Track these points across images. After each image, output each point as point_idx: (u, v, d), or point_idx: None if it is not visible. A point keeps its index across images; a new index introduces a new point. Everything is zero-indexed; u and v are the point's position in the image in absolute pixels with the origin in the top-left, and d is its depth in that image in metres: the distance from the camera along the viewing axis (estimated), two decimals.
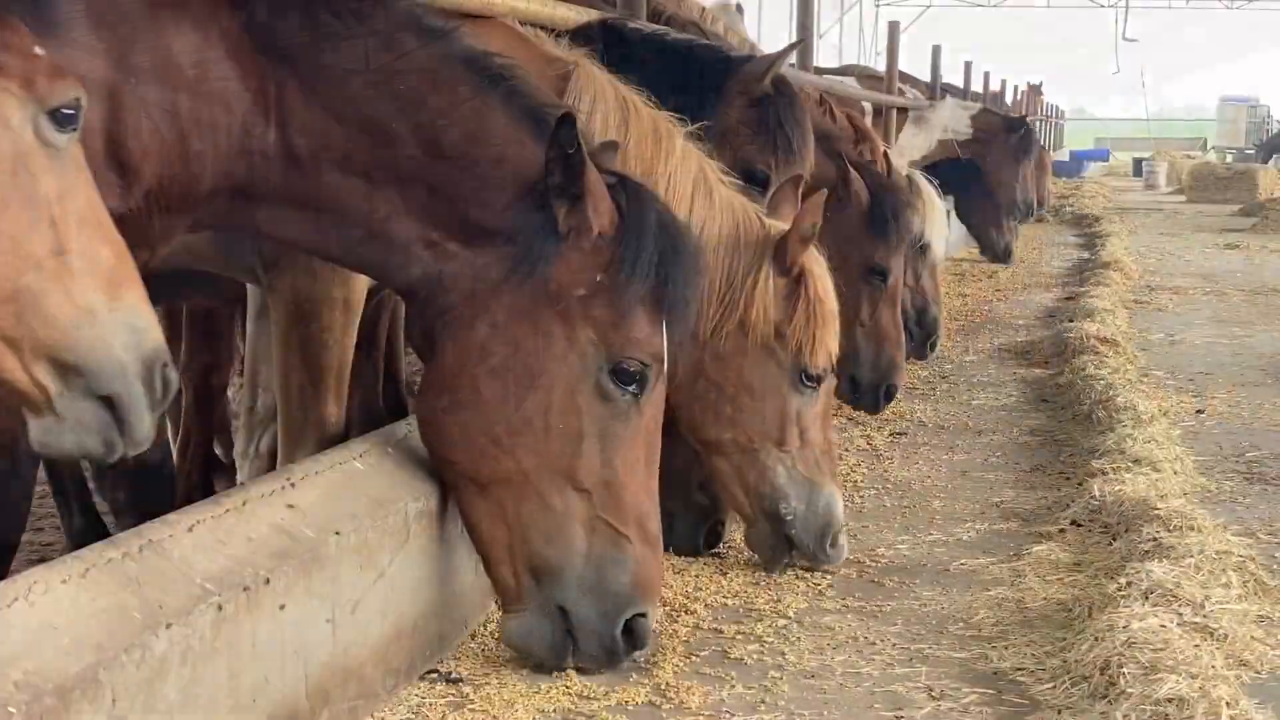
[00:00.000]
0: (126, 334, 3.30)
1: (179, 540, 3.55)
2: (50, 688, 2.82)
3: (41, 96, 3.18)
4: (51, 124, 3.20)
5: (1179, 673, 4.22)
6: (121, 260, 3.36)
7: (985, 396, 9.95)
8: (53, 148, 3.22)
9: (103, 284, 3.28)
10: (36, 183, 3.18)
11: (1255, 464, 7.93)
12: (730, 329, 5.48)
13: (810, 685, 4.61)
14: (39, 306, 3.20)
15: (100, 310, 3.26)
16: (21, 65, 3.18)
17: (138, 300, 3.35)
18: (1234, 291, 16.44)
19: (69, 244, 3.22)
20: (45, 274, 3.19)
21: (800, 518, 5.60)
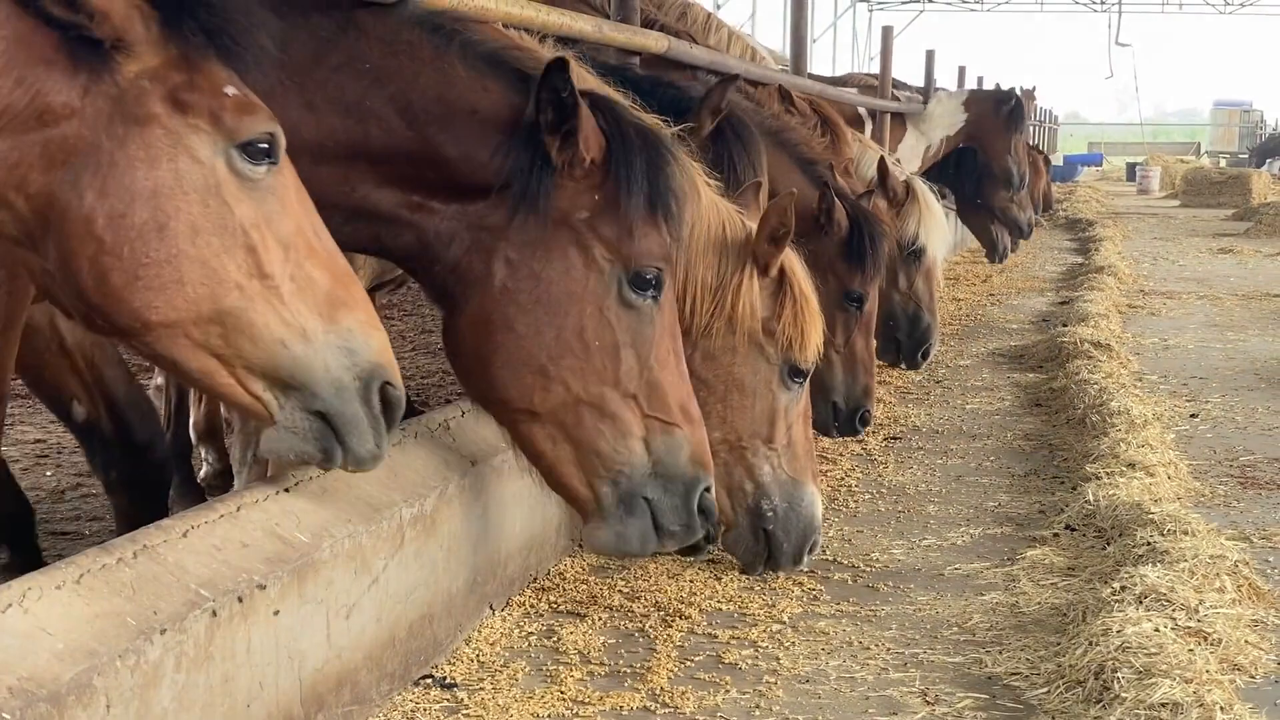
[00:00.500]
0: (340, 354, 3.60)
1: (173, 546, 3.55)
2: (44, 694, 2.82)
3: (230, 131, 3.43)
4: (243, 157, 3.45)
5: (1173, 677, 4.22)
6: (339, 282, 3.64)
7: (979, 401, 9.96)
8: (248, 179, 3.47)
9: (317, 305, 3.57)
10: (230, 212, 3.43)
11: (1249, 468, 7.94)
12: (719, 327, 5.51)
13: (805, 690, 4.61)
14: (244, 327, 3.48)
15: (313, 330, 3.56)
16: (209, 103, 3.41)
17: (356, 322, 3.64)
18: (1227, 296, 16.46)
19: (272, 268, 3.50)
20: (247, 296, 3.46)
21: (782, 516, 5.62)
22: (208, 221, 3.41)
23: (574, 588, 5.50)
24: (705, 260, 5.45)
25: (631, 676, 4.65)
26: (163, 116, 3.37)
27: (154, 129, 3.35)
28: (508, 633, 4.99)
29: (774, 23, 40.95)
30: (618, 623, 5.16)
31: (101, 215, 3.32)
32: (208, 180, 3.41)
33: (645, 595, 5.44)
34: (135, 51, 3.35)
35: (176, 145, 3.38)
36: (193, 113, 3.40)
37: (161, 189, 3.36)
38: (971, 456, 8.20)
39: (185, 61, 3.40)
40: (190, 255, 3.39)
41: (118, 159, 3.32)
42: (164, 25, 3.37)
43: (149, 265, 3.37)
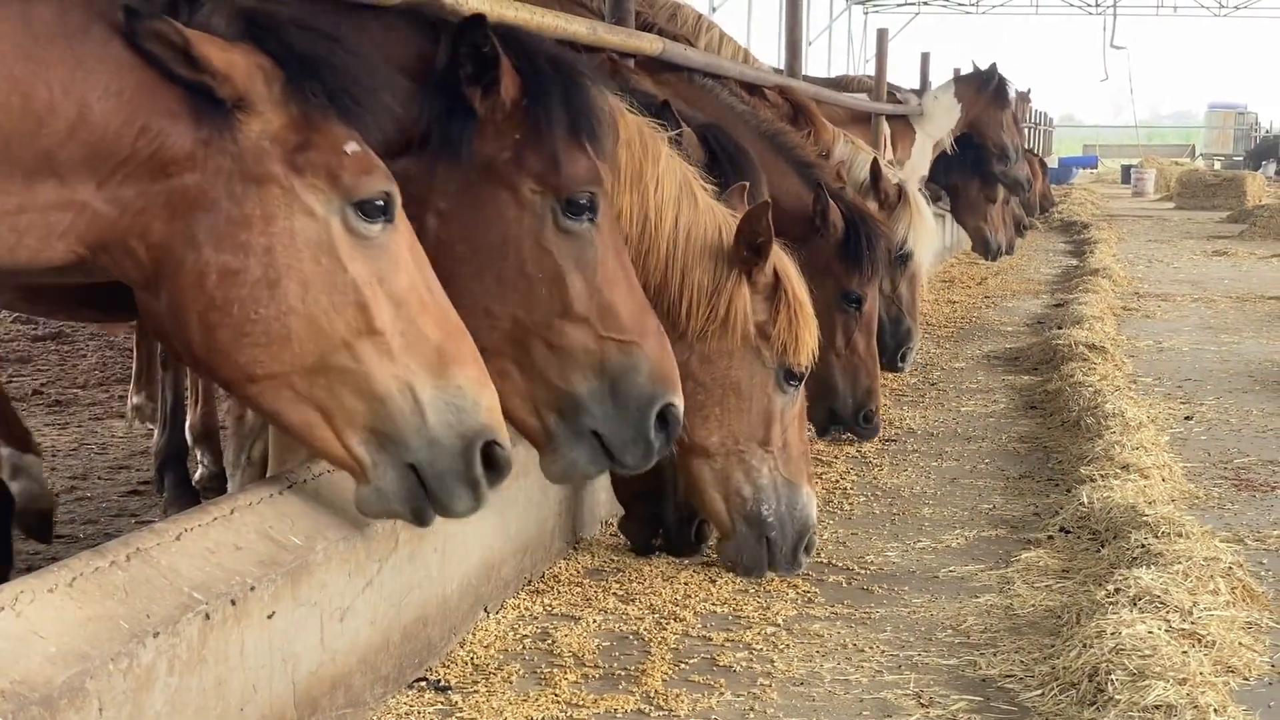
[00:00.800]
0: (447, 410, 3.63)
1: (166, 549, 3.55)
2: (36, 697, 2.82)
3: (347, 190, 3.50)
4: (359, 215, 3.52)
5: (1167, 679, 4.22)
6: (451, 338, 3.69)
7: (974, 403, 9.96)
8: (362, 236, 3.53)
9: (427, 361, 3.62)
10: (343, 269, 3.50)
11: (1243, 470, 7.94)
12: (714, 330, 5.52)
13: (799, 693, 4.61)
14: (349, 381, 3.54)
15: (420, 385, 3.60)
16: (328, 161, 3.48)
17: (467, 379, 3.68)
18: (1222, 298, 16.48)
19: (382, 324, 3.56)
20: (355, 351, 3.52)
21: (780, 520, 5.64)
22: (319, 278, 3.47)
23: (568, 590, 5.50)
24: (701, 265, 5.47)
25: (626, 679, 4.65)
26: (281, 176, 3.43)
27: (272, 188, 3.42)
28: (502, 635, 4.98)
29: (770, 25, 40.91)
30: (612, 625, 5.16)
31: (215, 270, 3.38)
32: (321, 237, 3.47)
33: (640, 598, 5.44)
34: (257, 111, 3.41)
35: (293, 203, 3.44)
36: (310, 172, 3.46)
37: (275, 246, 3.42)
38: (966, 459, 8.20)
39: (306, 121, 3.47)
40: (299, 311, 3.45)
41: (234, 215, 3.38)
42: (287, 86, 3.44)
43: (257, 321, 3.43)
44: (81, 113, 3.21)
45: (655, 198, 5.35)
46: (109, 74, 3.25)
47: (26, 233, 3.27)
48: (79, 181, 3.27)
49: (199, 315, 3.42)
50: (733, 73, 8.57)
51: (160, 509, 6.79)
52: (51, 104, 3.17)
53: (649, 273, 5.43)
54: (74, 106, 3.21)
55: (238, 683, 3.51)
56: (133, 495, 7.27)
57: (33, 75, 3.15)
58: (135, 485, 7.48)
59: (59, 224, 3.30)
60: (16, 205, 3.23)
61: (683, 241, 5.45)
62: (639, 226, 5.36)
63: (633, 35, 6.89)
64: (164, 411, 7.07)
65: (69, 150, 3.22)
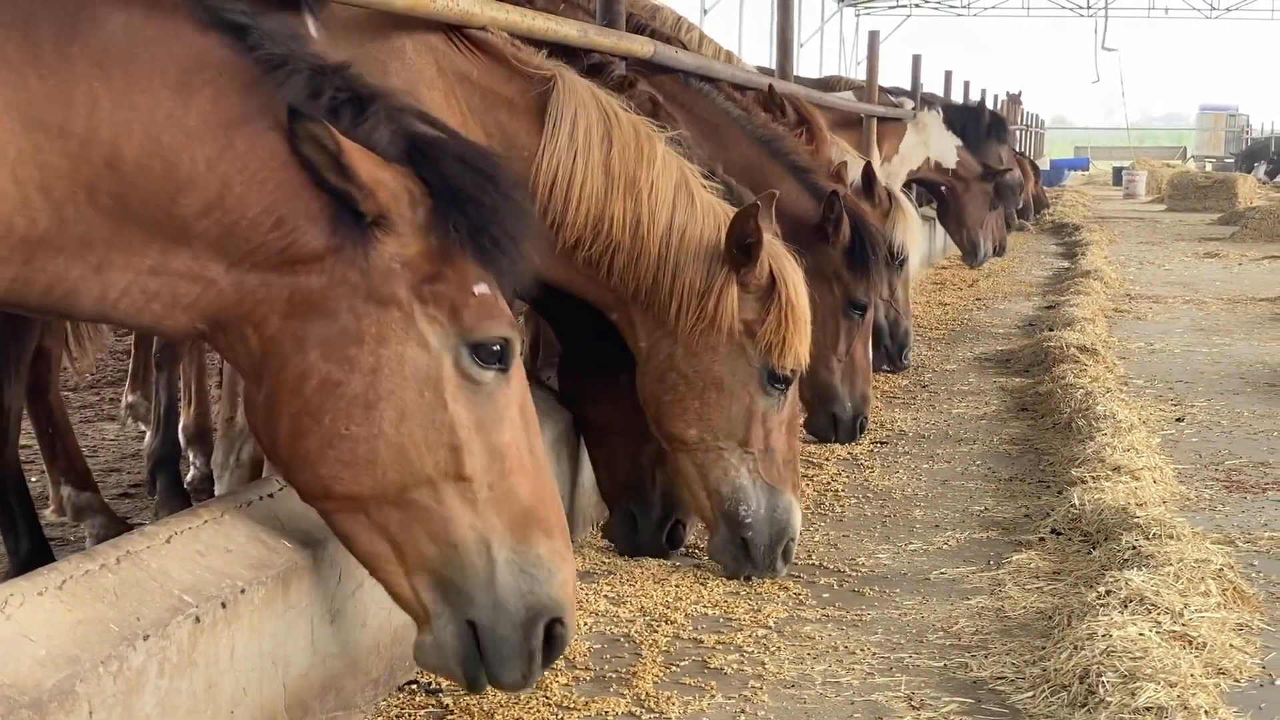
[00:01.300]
0: (518, 577, 3.55)
1: (156, 552, 3.54)
2: (26, 700, 2.81)
3: (466, 329, 3.47)
4: (472, 357, 3.49)
5: (1158, 681, 4.23)
6: (542, 504, 3.62)
7: (965, 405, 9.97)
8: (472, 379, 3.51)
9: (510, 521, 3.55)
10: (444, 407, 3.46)
11: (1234, 472, 7.95)
12: (701, 328, 5.52)
13: (790, 695, 4.61)
14: (425, 521, 3.48)
15: (497, 545, 3.53)
16: (454, 296, 3.46)
17: (547, 549, 3.59)
18: (1213, 300, 16.50)
19: (474, 473, 3.49)
20: (438, 492, 3.47)
21: (757, 522, 5.64)
22: (418, 410, 3.44)
23: None
24: (694, 266, 5.46)
25: (617, 682, 4.65)
26: (404, 301, 3.42)
27: (393, 310, 3.41)
28: None
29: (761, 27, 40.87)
30: (603, 628, 5.16)
31: (317, 376, 3.37)
32: (431, 371, 3.45)
33: (631, 600, 5.44)
34: (396, 232, 3.40)
35: (409, 330, 3.43)
36: (435, 304, 3.45)
37: (382, 368, 3.40)
38: (958, 461, 8.21)
39: (442, 253, 3.45)
40: (390, 438, 3.41)
41: (350, 328, 3.37)
42: (431, 214, 3.42)
43: (346, 437, 3.40)
44: (222, 192, 3.26)
45: (649, 202, 5.36)
46: (257, 163, 3.29)
47: (155, 297, 3.32)
48: (210, 258, 3.31)
49: (292, 417, 3.40)
50: (724, 75, 8.55)
51: (152, 511, 6.78)
52: (193, 176, 3.22)
53: (639, 275, 5.43)
54: (215, 184, 3.25)
55: (228, 685, 3.51)
56: (124, 498, 7.26)
57: (179, 146, 3.20)
58: (126, 488, 7.47)
59: (186, 295, 3.34)
60: (150, 267, 3.28)
61: (676, 242, 5.44)
62: (631, 231, 5.36)
63: (624, 38, 6.88)
64: (157, 413, 7.07)
65: (204, 224, 3.27)
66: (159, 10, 3.23)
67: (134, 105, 3.17)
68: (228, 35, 3.31)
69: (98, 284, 3.26)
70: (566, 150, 5.25)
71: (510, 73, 5.35)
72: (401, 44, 5.11)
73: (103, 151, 3.14)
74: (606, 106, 5.40)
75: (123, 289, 3.29)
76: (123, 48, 3.17)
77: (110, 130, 3.14)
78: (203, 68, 3.26)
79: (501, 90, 5.32)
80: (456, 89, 5.24)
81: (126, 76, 3.17)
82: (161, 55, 3.21)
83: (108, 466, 7.89)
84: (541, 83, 5.33)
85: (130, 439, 8.51)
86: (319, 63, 3.43)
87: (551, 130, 5.26)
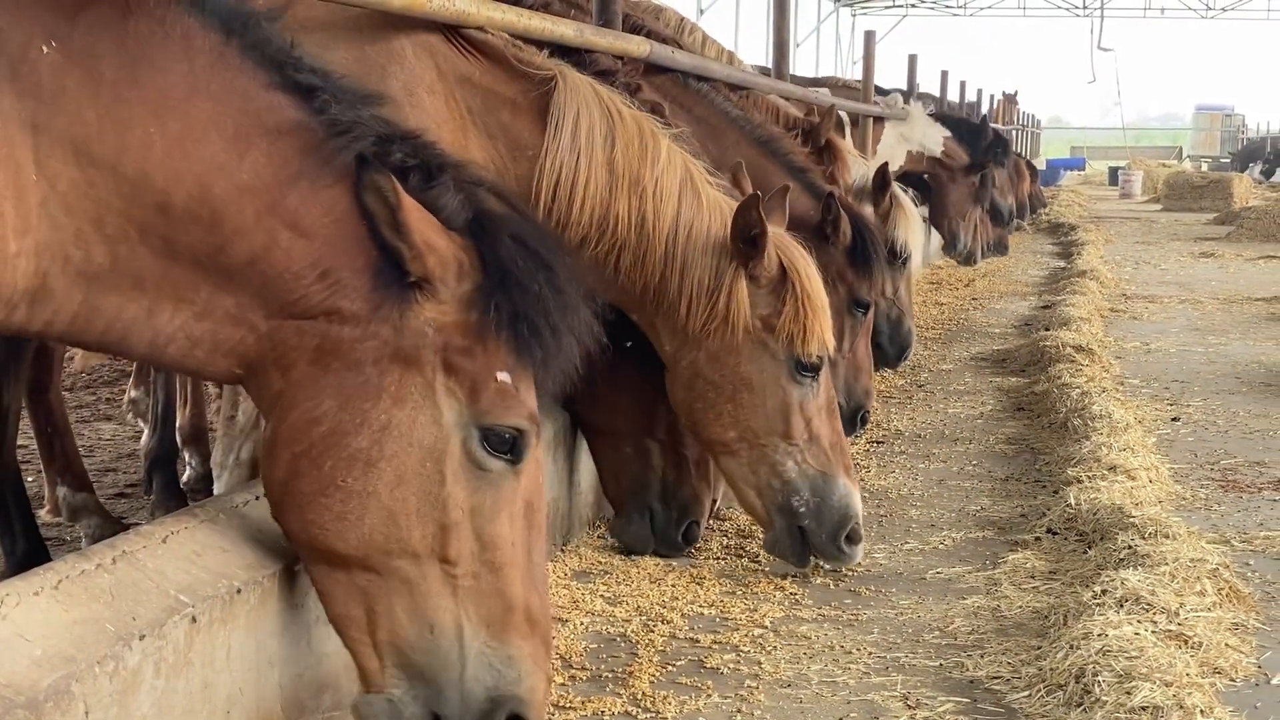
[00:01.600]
0: (486, 671, 3.42)
1: (153, 551, 3.54)
2: (22, 700, 2.81)
3: (481, 411, 3.40)
4: (482, 442, 3.40)
5: (1153, 680, 4.24)
6: (527, 610, 3.46)
7: (962, 405, 9.97)
8: (478, 464, 3.41)
9: (489, 616, 3.43)
10: (442, 483, 3.39)
11: (1230, 471, 7.96)
12: (717, 327, 5.51)
13: (786, 695, 4.61)
14: (406, 593, 3.39)
15: (470, 634, 3.41)
16: (477, 375, 3.40)
17: (523, 653, 3.44)
18: (1209, 300, 16.51)
19: (458, 557, 3.39)
20: (422, 569, 3.39)
21: (813, 510, 5.64)
22: (416, 480, 3.37)
23: (555, 593, 5.49)
24: (702, 262, 5.47)
25: (613, 681, 4.65)
26: (428, 368, 3.38)
27: (415, 375, 3.37)
28: None
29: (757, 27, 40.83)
30: (599, 627, 5.16)
31: (327, 423, 3.34)
32: (437, 444, 3.38)
33: (627, 600, 5.44)
34: (437, 298, 3.37)
35: (427, 397, 3.38)
36: (457, 378, 3.40)
37: (392, 428, 3.35)
38: (954, 460, 8.21)
39: (479, 330, 3.39)
40: (383, 500, 3.35)
41: (371, 382, 3.35)
42: (478, 291, 3.38)
43: (340, 489, 3.36)
44: (268, 244, 3.28)
45: (654, 199, 5.36)
46: (309, 219, 3.31)
47: (199, 343, 3.36)
48: (254, 305, 3.34)
49: (293, 456, 3.37)
50: (720, 75, 8.55)
51: (148, 510, 6.78)
52: (241, 228, 3.25)
53: (647, 274, 5.44)
54: (263, 236, 3.27)
55: (224, 686, 3.50)
56: (120, 498, 7.26)
57: (229, 198, 3.24)
58: (122, 488, 7.47)
59: (228, 340, 3.37)
60: (196, 312, 3.32)
61: (683, 240, 5.44)
62: (636, 230, 5.36)
63: (620, 38, 6.88)
64: (155, 412, 7.07)
65: (249, 274, 3.30)
66: (224, 65, 3.26)
67: (186, 154, 3.20)
68: (293, 95, 3.34)
69: (150, 328, 3.30)
70: (569, 150, 5.25)
71: (512, 73, 5.35)
72: (401, 47, 5.09)
73: (154, 195, 3.18)
74: (609, 104, 5.40)
75: (170, 334, 3.32)
76: (181, 97, 3.20)
77: (162, 176, 3.17)
78: (262, 125, 3.28)
79: (503, 91, 5.31)
80: (457, 92, 5.23)
81: (183, 126, 3.19)
82: (221, 109, 3.24)
83: (104, 466, 7.89)
84: (543, 82, 5.33)
85: (126, 439, 8.51)
86: (387, 129, 3.45)
87: (554, 130, 5.25)
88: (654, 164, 5.38)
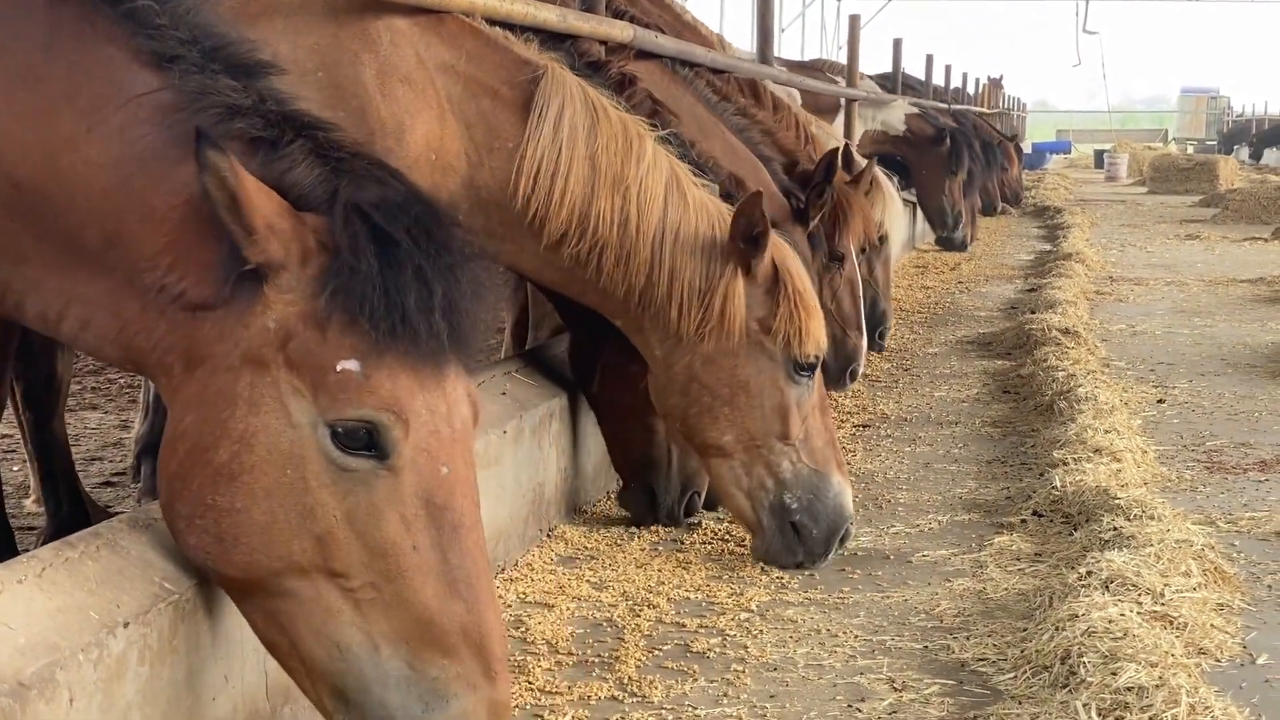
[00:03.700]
0: (411, 698, 3.09)
1: (137, 539, 3.53)
2: (6, 689, 2.80)
3: (325, 407, 3.05)
4: (331, 439, 3.06)
5: (1138, 661, 4.24)
6: (449, 622, 3.09)
7: (948, 388, 9.98)
8: (338, 465, 3.07)
9: (402, 631, 3.09)
10: (307, 490, 3.07)
11: (1215, 453, 7.98)
12: (712, 329, 5.47)
13: (773, 678, 4.62)
14: (309, 614, 3.10)
15: (389, 656, 3.09)
16: (318, 366, 3.05)
17: (451, 675, 3.09)
18: (1194, 282, 16.54)
19: (348, 569, 3.08)
20: (316, 586, 3.09)
21: (806, 506, 5.60)
22: (281, 490, 3.06)
23: (542, 578, 5.50)
24: (691, 265, 5.42)
25: (600, 666, 4.65)
26: (273, 366, 3.06)
27: (264, 375, 3.06)
28: None
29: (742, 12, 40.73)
30: (585, 612, 5.16)
31: (191, 438, 3.09)
32: (294, 449, 3.06)
33: (613, 585, 5.44)
34: (281, 286, 3.05)
35: (276, 400, 3.06)
36: (299, 374, 3.06)
37: (249, 437, 3.05)
38: (940, 444, 8.22)
39: (325, 318, 3.05)
40: (254, 517, 3.07)
41: (226, 390, 3.07)
42: (325, 273, 3.04)
43: (210, 509, 3.10)
44: (119, 227, 3.12)
45: (638, 200, 5.33)
46: (157, 199, 3.11)
47: (87, 326, 3.24)
48: (126, 294, 3.17)
49: (169, 477, 3.16)
50: (704, 60, 8.55)
51: (135, 497, 6.77)
52: (91, 208, 3.11)
53: (631, 275, 5.40)
54: (113, 217, 3.11)
55: (210, 673, 3.50)
56: (105, 486, 7.24)
57: (77, 175, 3.10)
58: (108, 477, 7.45)
59: (108, 328, 3.22)
60: (78, 294, 3.20)
61: (670, 242, 5.39)
62: (619, 229, 5.33)
63: (603, 22, 6.86)
64: (146, 399, 7.07)
65: (112, 258, 3.15)
66: (90, 34, 3.12)
67: (36, 127, 3.09)
68: (159, 65, 3.14)
69: (39, 301, 3.21)
70: (551, 141, 5.22)
71: (499, 62, 5.31)
72: (377, 32, 5.04)
73: (6, 169, 3.08)
74: (595, 101, 5.38)
75: (59, 311, 3.22)
76: (38, 68, 3.09)
77: (12, 149, 3.07)
78: (119, 97, 3.11)
79: (486, 79, 5.27)
80: (437, 79, 5.18)
81: (35, 97, 3.08)
82: (79, 80, 3.10)
83: (89, 455, 7.87)
84: (531, 74, 5.31)
85: (112, 427, 8.50)
86: (241, 100, 3.18)
87: (536, 119, 5.22)
88: (638, 163, 5.34)
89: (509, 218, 5.27)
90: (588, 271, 5.40)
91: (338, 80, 4.91)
